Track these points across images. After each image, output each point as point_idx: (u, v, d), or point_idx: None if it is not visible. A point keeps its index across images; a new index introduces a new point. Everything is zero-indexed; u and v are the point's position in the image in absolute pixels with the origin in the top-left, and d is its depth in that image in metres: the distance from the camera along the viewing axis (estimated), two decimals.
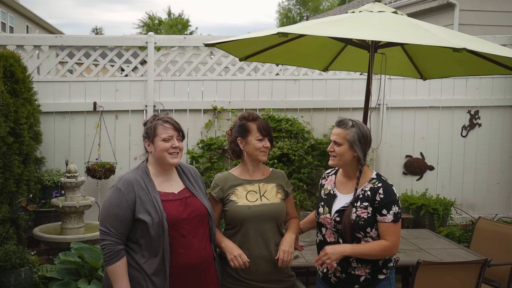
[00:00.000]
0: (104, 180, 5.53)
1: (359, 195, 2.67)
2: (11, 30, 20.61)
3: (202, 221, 2.65)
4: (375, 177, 2.71)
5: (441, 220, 5.91)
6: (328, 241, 2.75)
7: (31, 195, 4.69)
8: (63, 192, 4.91)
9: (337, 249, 2.62)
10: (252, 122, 2.82)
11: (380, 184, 2.66)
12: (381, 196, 2.62)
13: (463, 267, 3.42)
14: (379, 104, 6.17)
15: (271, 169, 2.97)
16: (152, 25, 37.83)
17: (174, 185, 2.69)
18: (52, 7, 72.34)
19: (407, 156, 6.42)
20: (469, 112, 6.49)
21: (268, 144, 2.81)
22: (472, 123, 6.49)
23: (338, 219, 2.68)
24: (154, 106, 5.80)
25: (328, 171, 2.95)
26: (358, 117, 5.92)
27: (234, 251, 2.67)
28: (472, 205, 6.51)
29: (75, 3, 72.67)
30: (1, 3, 19.73)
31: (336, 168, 2.90)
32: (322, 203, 2.80)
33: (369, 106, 4.20)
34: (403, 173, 6.42)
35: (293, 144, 5.73)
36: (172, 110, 5.88)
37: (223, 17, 73.89)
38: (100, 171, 5.38)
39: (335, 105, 6.22)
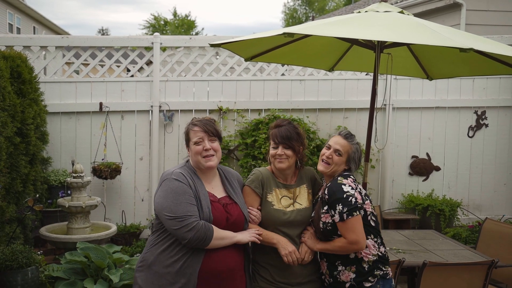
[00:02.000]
0: (110, 180, 5.55)
1: (320, 200, 2.70)
2: (18, 31, 20.73)
3: (238, 229, 2.63)
4: (332, 179, 2.72)
5: (448, 221, 5.89)
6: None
7: (37, 195, 4.71)
8: (69, 192, 4.93)
9: (313, 243, 2.73)
10: (273, 129, 2.84)
11: (328, 184, 2.68)
12: (326, 196, 2.65)
13: (469, 268, 3.41)
14: (385, 105, 6.16)
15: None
16: (158, 26, 37.90)
17: (215, 189, 2.67)
18: (57, 8, 72.75)
19: (413, 156, 6.40)
20: (475, 112, 6.45)
21: (280, 151, 2.75)
22: (479, 124, 6.46)
23: (314, 228, 2.73)
24: (160, 106, 5.82)
25: None
26: (364, 117, 5.99)
27: (288, 247, 2.67)
28: (478, 206, 6.48)
29: (79, 4, 73.05)
30: (9, 4, 19.85)
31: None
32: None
33: (375, 107, 4.18)
34: (409, 173, 6.40)
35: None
36: (178, 110, 5.90)
37: (229, 17, 74.01)
38: (106, 171, 5.40)
39: (340, 105, 6.21)
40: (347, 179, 2.68)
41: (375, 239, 2.69)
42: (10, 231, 4.18)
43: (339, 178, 2.68)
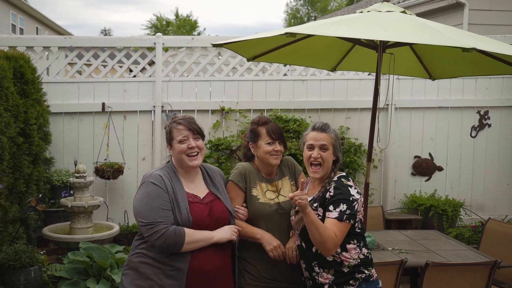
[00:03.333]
0: (113, 180, 5.56)
1: (315, 197, 2.59)
2: (21, 31, 20.76)
3: (223, 225, 2.61)
4: (335, 179, 2.59)
5: (450, 221, 5.88)
6: (297, 244, 2.67)
7: (40, 195, 4.73)
8: (72, 192, 4.94)
9: (306, 203, 2.38)
10: (262, 126, 2.82)
11: (333, 184, 2.55)
12: (331, 194, 2.51)
13: (472, 268, 3.40)
14: (387, 105, 6.15)
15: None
16: (160, 26, 37.95)
17: (198, 187, 2.65)
18: (59, 8, 72.63)
19: (415, 156, 6.39)
20: (478, 112, 6.44)
21: (278, 147, 2.79)
22: (482, 124, 6.44)
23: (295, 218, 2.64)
24: (162, 106, 5.82)
25: None
26: (366, 117, 5.99)
27: (273, 242, 2.66)
28: (481, 206, 6.46)
29: (81, 4, 72.97)
30: (12, 5, 19.91)
31: None
32: (294, 205, 2.70)
33: (377, 107, 4.17)
34: (412, 173, 6.39)
35: (301, 144, 5.71)
36: (180, 110, 5.90)
37: (231, 17, 73.96)
38: (109, 172, 5.41)
39: (343, 105, 6.20)
40: (349, 181, 2.60)
41: (358, 243, 2.57)
42: (13, 231, 4.19)
43: (342, 179, 2.58)
